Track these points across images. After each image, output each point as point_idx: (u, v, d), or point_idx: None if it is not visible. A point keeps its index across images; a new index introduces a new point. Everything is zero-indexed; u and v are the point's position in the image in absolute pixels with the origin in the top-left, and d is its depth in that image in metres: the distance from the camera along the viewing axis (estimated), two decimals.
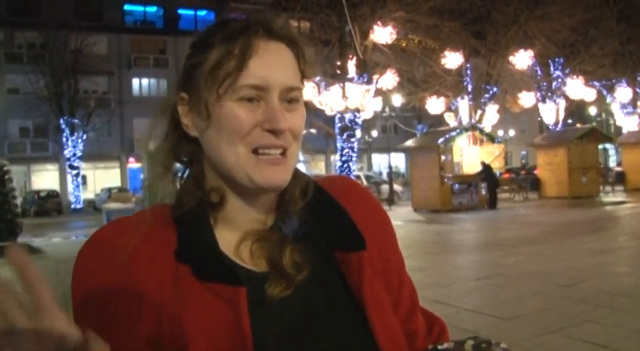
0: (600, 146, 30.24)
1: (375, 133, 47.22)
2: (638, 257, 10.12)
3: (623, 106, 33.27)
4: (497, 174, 22.91)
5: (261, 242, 0.93)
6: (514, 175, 31.66)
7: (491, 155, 22.94)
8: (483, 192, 22.37)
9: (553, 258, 9.98)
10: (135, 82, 44.63)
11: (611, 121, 43.10)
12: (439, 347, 0.97)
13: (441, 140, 21.75)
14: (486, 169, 21.70)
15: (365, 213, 1.02)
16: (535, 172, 29.06)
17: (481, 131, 23.77)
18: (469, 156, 22.99)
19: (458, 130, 23.05)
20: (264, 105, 0.87)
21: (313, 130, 37.31)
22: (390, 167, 32.22)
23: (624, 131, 32.84)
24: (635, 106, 33.33)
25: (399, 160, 49.18)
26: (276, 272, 0.90)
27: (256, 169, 0.88)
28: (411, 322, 1.06)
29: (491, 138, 23.90)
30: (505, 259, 10.17)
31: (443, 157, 21.85)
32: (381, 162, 50.64)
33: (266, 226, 0.96)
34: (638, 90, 33.30)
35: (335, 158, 27.23)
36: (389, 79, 23.52)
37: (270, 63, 0.87)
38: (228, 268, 0.87)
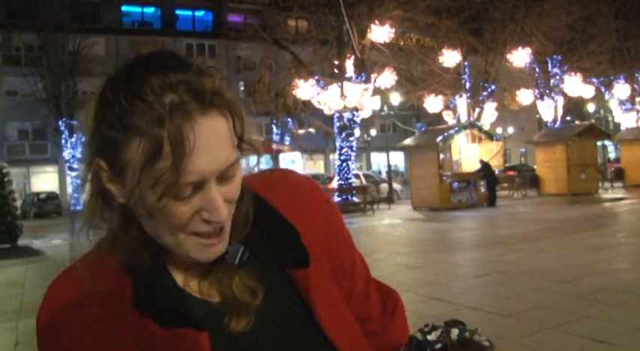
0: (599, 143, 30.28)
1: (373, 132, 47.24)
2: (636, 253, 10.14)
3: (622, 102, 33.27)
4: (497, 172, 22.91)
5: (210, 277, 0.93)
6: (516, 173, 31.63)
7: (489, 153, 22.98)
8: (482, 190, 22.38)
9: (552, 255, 10.00)
10: None
11: (610, 118, 43.15)
12: (428, 338, 0.99)
13: (439, 138, 21.77)
14: (485, 166, 21.72)
15: (309, 215, 1.02)
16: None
17: (479, 129, 23.80)
18: (468, 154, 23.03)
19: (456, 128, 23.08)
20: (202, 193, 0.83)
21: (312, 130, 37.37)
22: (388, 166, 32.26)
23: (623, 128, 32.86)
24: (633, 103, 33.33)
25: (398, 159, 49.20)
26: (232, 305, 0.91)
27: (197, 250, 0.87)
28: (366, 307, 1.10)
29: (490, 136, 23.94)
30: (504, 256, 10.19)
31: (442, 156, 21.88)
32: (380, 161, 50.66)
33: None
34: (636, 86, 33.29)
35: (334, 157, 27.24)
36: (387, 77, 23.53)
37: (207, 148, 0.80)
38: (190, 313, 0.87)
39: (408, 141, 24.24)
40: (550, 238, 11.98)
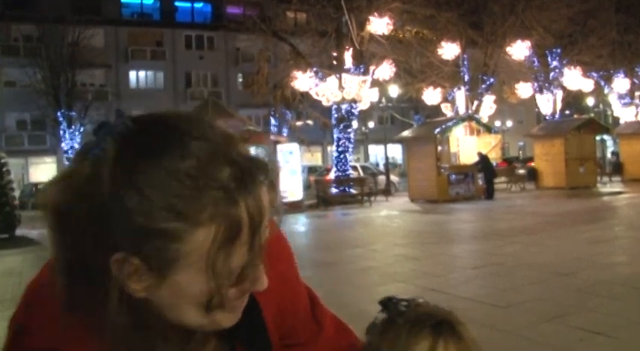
0: (598, 137, 30.27)
1: (371, 124, 47.20)
2: (635, 247, 10.12)
3: (621, 96, 33.24)
4: (494, 164, 22.90)
5: None
6: (518, 165, 31.58)
7: (488, 146, 22.93)
8: (480, 182, 22.36)
9: (550, 248, 9.98)
10: (132, 74, 44.56)
11: (609, 112, 43.10)
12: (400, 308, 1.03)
13: (437, 130, 21.73)
14: (483, 159, 21.69)
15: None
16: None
17: (478, 121, 23.75)
18: (466, 146, 22.98)
19: (454, 121, 23.04)
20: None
21: (310, 122, 37.31)
22: (386, 158, 32.25)
23: (622, 122, 32.83)
24: (632, 97, 33.30)
25: (395, 151, 49.17)
26: None
27: (229, 318, 0.84)
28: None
29: (488, 128, 23.89)
30: (502, 248, 10.16)
31: (439, 148, 21.83)
32: (377, 153, 50.67)
33: None
34: (635, 81, 33.25)
35: (331, 149, 27.21)
36: (385, 69, 23.47)
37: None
38: None
39: (405, 133, 24.21)
40: (548, 231, 11.96)
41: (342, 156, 23.63)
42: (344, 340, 1.15)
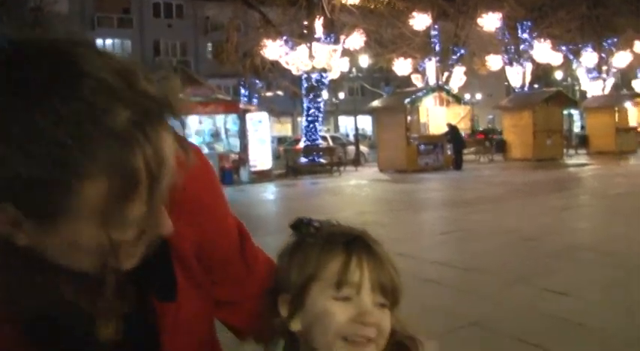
0: (565, 112, 30.59)
1: (342, 95, 47.05)
2: (598, 214, 10.27)
3: (589, 70, 33.55)
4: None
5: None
6: (496, 136, 31.76)
7: (457, 116, 23.00)
8: (449, 153, 22.45)
9: (517, 215, 10.06)
10: (98, 42, 43.29)
11: (577, 87, 43.54)
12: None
13: (407, 100, 21.69)
14: (452, 130, 21.75)
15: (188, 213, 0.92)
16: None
17: (448, 92, 23.78)
18: (435, 117, 23.01)
19: (424, 91, 23.03)
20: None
21: (280, 92, 37.00)
22: (356, 128, 32.19)
23: (589, 96, 33.20)
24: (600, 71, 33.64)
25: (366, 123, 49.16)
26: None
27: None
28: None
29: (458, 99, 23.93)
30: (470, 215, 10.20)
31: (409, 118, 21.82)
32: (347, 124, 50.62)
33: None
34: (603, 55, 33.55)
35: (301, 120, 27.02)
36: (356, 39, 23.27)
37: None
38: None
39: (375, 103, 24.12)
40: (515, 200, 12.07)
41: (311, 125, 23.49)
42: None
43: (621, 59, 33.21)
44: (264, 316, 1.00)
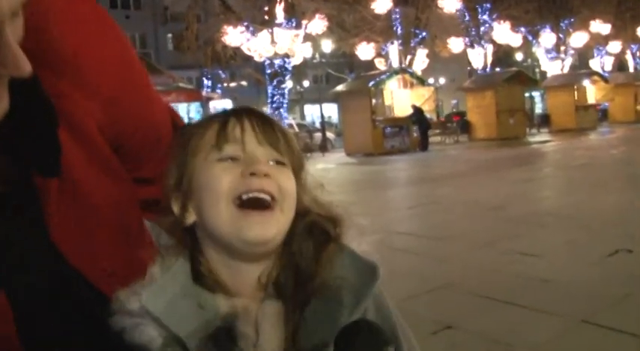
0: (527, 94, 31.04)
1: (306, 84, 46.94)
2: (561, 184, 10.48)
3: (548, 51, 34.05)
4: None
5: None
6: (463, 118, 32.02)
7: (421, 98, 23.12)
8: (415, 135, 22.60)
9: (482, 187, 10.19)
10: None
11: (537, 69, 44.14)
12: None
13: (371, 83, 21.72)
14: (417, 111, 21.89)
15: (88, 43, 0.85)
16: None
17: (411, 74, 23.88)
18: (400, 99, 23.09)
19: (388, 73, 23.09)
20: None
21: (244, 83, 36.77)
22: (322, 115, 32.21)
23: (549, 76, 33.71)
24: (558, 51, 34.17)
25: (332, 111, 49.15)
26: None
27: None
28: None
29: (422, 81, 24.07)
30: (436, 190, 10.32)
31: (374, 101, 21.86)
32: (313, 113, 50.52)
33: None
34: (561, 36, 34.08)
35: (266, 109, 26.90)
36: (318, 24, 23.21)
37: None
38: None
39: (340, 87, 24.09)
40: (480, 175, 12.24)
41: (276, 112, 23.39)
42: None
43: (578, 39, 33.79)
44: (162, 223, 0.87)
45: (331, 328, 0.78)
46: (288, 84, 23.71)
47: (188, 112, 19.98)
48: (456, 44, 29.82)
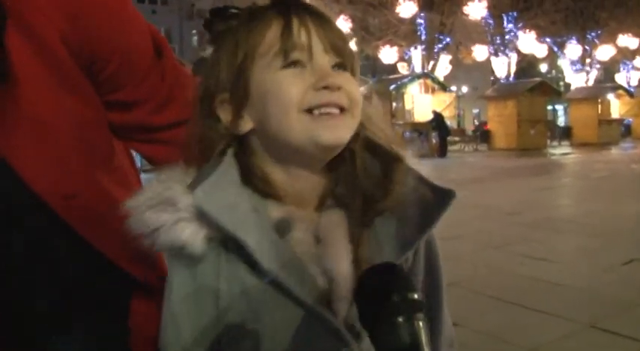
0: (550, 107, 30.76)
1: None
2: (579, 193, 10.35)
3: (573, 63, 33.74)
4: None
5: None
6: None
7: (442, 104, 23.00)
8: (434, 141, 22.46)
9: (498, 192, 10.11)
10: None
11: (561, 82, 43.80)
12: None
13: (392, 87, 21.68)
14: (438, 117, 21.75)
15: None
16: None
17: (433, 79, 23.78)
18: (420, 104, 23.00)
19: (410, 77, 23.02)
20: None
21: None
22: None
23: (573, 88, 33.40)
24: (583, 64, 33.85)
25: None
26: None
27: None
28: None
29: (443, 87, 23.94)
30: None
31: (394, 104, 21.78)
32: None
33: None
34: (587, 47, 33.76)
35: None
36: (342, 24, 23.16)
37: None
38: None
39: (361, 89, 23.87)
40: (497, 181, 12.12)
41: None
42: None
43: (604, 52, 33.43)
44: (197, 132, 0.81)
45: (398, 245, 0.80)
46: None
47: None
48: (480, 52, 29.63)
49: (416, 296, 0.65)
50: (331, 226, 0.79)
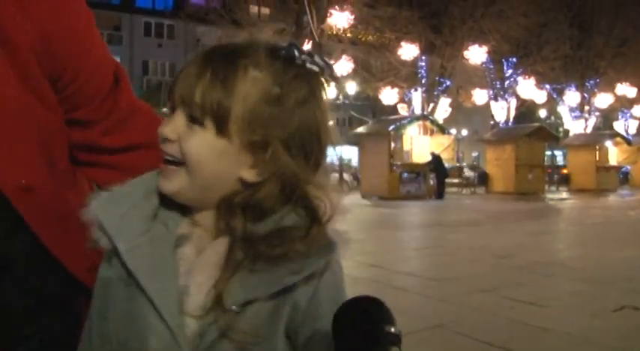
0: (549, 152, 30.86)
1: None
2: (574, 237, 10.33)
3: (572, 109, 34.02)
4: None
5: None
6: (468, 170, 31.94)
7: (441, 146, 23.07)
8: (431, 182, 22.47)
9: (491, 236, 10.06)
10: None
11: (560, 128, 44.12)
12: None
13: (391, 127, 21.76)
14: (436, 159, 21.80)
15: None
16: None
17: (432, 121, 23.88)
18: (419, 146, 23.08)
19: (409, 119, 23.14)
20: None
21: None
22: (340, 158, 32.27)
23: (571, 134, 33.59)
24: (582, 111, 34.12)
25: (352, 154, 49.20)
26: None
27: None
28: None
29: (442, 129, 24.04)
30: (445, 235, 10.19)
31: (393, 145, 21.86)
32: (333, 154, 50.59)
33: None
34: (585, 95, 34.08)
35: None
36: (344, 65, 23.44)
37: None
38: None
39: (360, 129, 24.17)
40: (492, 224, 12.09)
41: None
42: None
43: (603, 100, 33.75)
44: None
45: (267, 286, 0.78)
46: None
47: None
48: (479, 96, 29.91)
49: (393, 329, 0.65)
50: (213, 252, 0.80)
